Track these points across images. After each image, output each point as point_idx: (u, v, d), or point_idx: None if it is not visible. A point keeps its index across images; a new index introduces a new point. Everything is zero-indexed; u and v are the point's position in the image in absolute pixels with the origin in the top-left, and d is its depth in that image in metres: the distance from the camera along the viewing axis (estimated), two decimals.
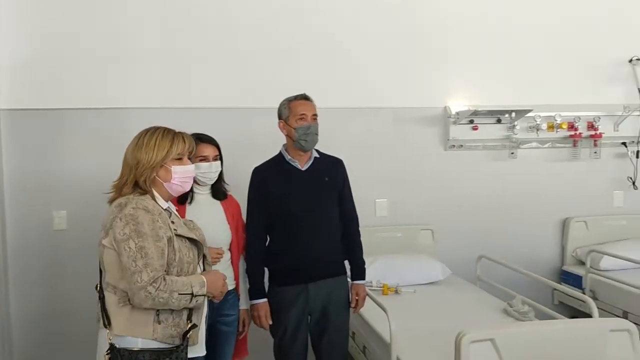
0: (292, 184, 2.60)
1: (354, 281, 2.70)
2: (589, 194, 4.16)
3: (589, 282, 3.76)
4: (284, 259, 2.58)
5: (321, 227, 2.59)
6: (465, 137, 3.95)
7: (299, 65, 3.72)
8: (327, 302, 2.59)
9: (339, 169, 2.73)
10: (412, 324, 2.82)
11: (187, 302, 1.87)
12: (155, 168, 1.94)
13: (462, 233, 3.99)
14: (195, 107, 3.52)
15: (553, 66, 4.04)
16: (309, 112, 2.57)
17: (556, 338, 2.03)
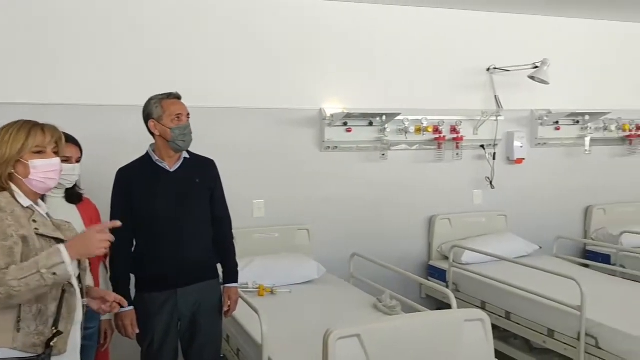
0: (159, 186, 2.50)
1: (226, 285, 2.65)
2: (452, 193, 4.46)
3: (451, 276, 4.02)
4: (151, 264, 2.48)
5: (190, 230, 2.51)
6: (340, 139, 4.05)
7: (170, 63, 3.62)
8: (198, 307, 2.53)
9: (211, 170, 2.67)
10: (285, 324, 2.85)
11: (40, 283, 1.64)
12: (9, 163, 1.78)
13: (337, 232, 4.10)
14: (57, 103, 3.28)
15: (420, 74, 4.28)
16: (184, 112, 2.49)
17: (417, 330, 2.14)
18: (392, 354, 2.06)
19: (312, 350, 2.22)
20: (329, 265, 3.84)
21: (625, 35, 4.89)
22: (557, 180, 4.75)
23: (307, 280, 3.64)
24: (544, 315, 3.24)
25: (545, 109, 4.63)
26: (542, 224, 4.64)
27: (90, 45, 3.46)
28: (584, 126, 4.67)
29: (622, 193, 4.97)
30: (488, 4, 4.25)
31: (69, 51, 3.41)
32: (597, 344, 2.91)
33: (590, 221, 4.82)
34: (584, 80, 4.75)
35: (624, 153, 4.94)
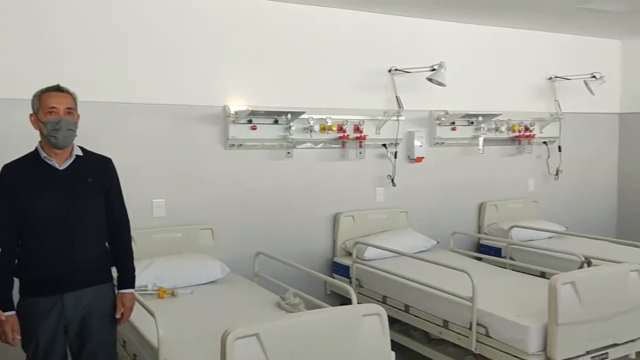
0: (46, 185, 2.35)
1: (120, 290, 2.53)
2: (356, 191, 4.55)
3: (354, 272, 4.11)
4: (36, 267, 2.33)
5: (80, 232, 2.38)
6: (245, 137, 4.01)
7: (60, 54, 3.41)
8: (88, 313, 2.40)
9: (106, 169, 2.53)
10: (185, 326, 2.78)
11: None
12: None
13: (242, 231, 4.06)
14: None
15: (325, 73, 4.34)
16: (61, 105, 2.33)
17: (316, 326, 2.16)
18: (291, 351, 2.07)
19: (212, 352, 2.18)
20: (234, 264, 3.80)
21: (515, 42, 5.22)
22: (454, 178, 5.00)
23: (211, 281, 3.57)
24: (440, 307, 3.39)
25: (442, 110, 4.84)
26: (440, 219, 4.86)
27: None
28: (478, 127, 4.94)
29: (512, 190, 5.31)
30: (390, 6, 4.38)
31: None
32: (487, 332, 3.08)
33: (484, 217, 5.10)
34: (477, 83, 5.02)
35: (513, 152, 5.28)
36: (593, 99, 5.33)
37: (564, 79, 5.37)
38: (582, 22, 4.93)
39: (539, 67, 5.37)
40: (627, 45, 5.86)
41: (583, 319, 2.88)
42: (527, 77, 5.33)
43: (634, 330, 3.12)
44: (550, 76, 5.40)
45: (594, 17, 4.69)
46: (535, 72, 5.36)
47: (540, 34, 5.34)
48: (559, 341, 2.80)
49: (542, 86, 5.41)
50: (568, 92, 5.44)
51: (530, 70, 5.33)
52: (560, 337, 2.80)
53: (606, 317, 2.98)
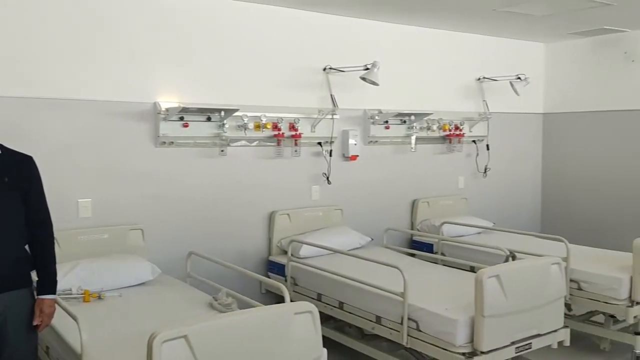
0: None
1: (39, 295, 2.41)
2: (292, 189, 4.54)
3: (290, 270, 4.10)
4: None
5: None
6: (176, 134, 3.92)
7: None
8: (4, 320, 2.29)
9: (25, 168, 2.41)
10: (112, 331, 2.69)
11: None
12: None
13: (174, 231, 3.97)
14: None
15: (259, 70, 4.30)
16: None
17: (247, 326, 2.13)
18: (221, 352, 2.03)
19: (139, 356, 2.10)
20: (165, 265, 3.71)
21: (446, 43, 5.37)
22: (388, 175, 5.08)
23: (140, 283, 3.46)
24: (372, 303, 3.44)
25: (376, 109, 4.91)
26: (374, 216, 4.93)
27: None
28: (410, 126, 5.05)
29: (443, 187, 5.46)
30: (326, 6, 4.39)
31: None
32: (418, 327, 3.15)
33: (416, 213, 5.22)
34: (410, 83, 5.13)
35: (443, 151, 5.43)
36: (519, 100, 5.57)
37: (491, 80, 5.57)
38: (508, 25, 5.13)
39: (468, 68, 5.54)
40: (550, 48, 6.15)
41: (508, 311, 2.99)
42: (457, 77, 5.49)
43: (556, 321, 3.28)
44: (479, 77, 5.59)
45: (519, 20, 4.89)
46: (465, 73, 5.53)
47: (470, 36, 5.51)
48: (485, 333, 2.90)
49: (471, 87, 5.59)
50: (495, 92, 5.65)
51: (460, 71, 5.49)
52: (486, 329, 2.90)
53: (529, 309, 3.11)
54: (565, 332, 3.30)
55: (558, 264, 3.29)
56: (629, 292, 3.73)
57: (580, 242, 4.68)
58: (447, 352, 2.99)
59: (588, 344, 4.18)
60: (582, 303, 3.96)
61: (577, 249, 4.28)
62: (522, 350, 3.10)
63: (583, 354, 4.10)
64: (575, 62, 5.93)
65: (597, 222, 5.75)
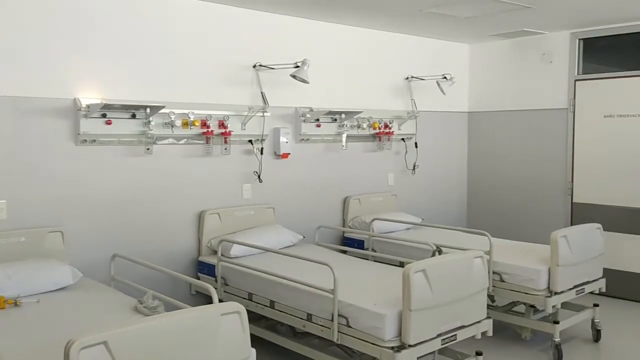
0: None
1: None
2: (222, 187, 4.47)
3: (220, 270, 4.03)
4: None
5: None
6: (99, 132, 3.76)
7: None
8: None
9: None
10: (29, 338, 2.53)
11: None
12: None
13: (97, 232, 3.82)
14: None
15: (187, 67, 4.20)
16: None
17: (172, 329, 2.07)
18: (144, 357, 1.96)
19: None
20: (88, 269, 3.58)
21: (376, 42, 5.45)
22: (319, 173, 5.10)
23: (60, 287, 3.29)
24: (303, 301, 3.44)
25: (307, 107, 4.92)
26: (306, 214, 4.95)
27: None
28: (341, 124, 5.09)
29: (374, 184, 5.55)
30: (255, 2, 4.34)
31: None
32: (348, 322, 3.18)
33: (348, 210, 5.27)
34: (340, 81, 5.17)
35: (374, 148, 5.52)
36: (446, 99, 5.74)
37: (419, 79, 5.71)
38: (434, 25, 5.27)
39: (396, 68, 5.65)
40: (474, 49, 6.38)
41: (434, 304, 3.07)
42: (387, 76, 5.59)
43: (479, 312, 3.39)
44: (407, 76, 5.72)
45: (445, 21, 5.04)
46: (394, 72, 5.64)
47: (398, 36, 5.62)
48: (412, 326, 2.96)
49: (400, 85, 5.71)
50: (423, 91, 5.80)
51: (389, 70, 5.60)
52: (414, 323, 2.96)
53: (454, 301, 3.20)
54: (488, 322, 3.42)
55: (481, 257, 3.41)
56: (547, 283, 3.93)
57: (503, 236, 4.89)
58: (376, 347, 3.03)
59: (510, 334, 4.37)
60: (504, 294, 4.14)
61: (499, 242, 4.47)
62: (447, 342, 3.19)
63: (505, 343, 4.28)
64: (497, 63, 6.19)
65: (518, 217, 6.03)
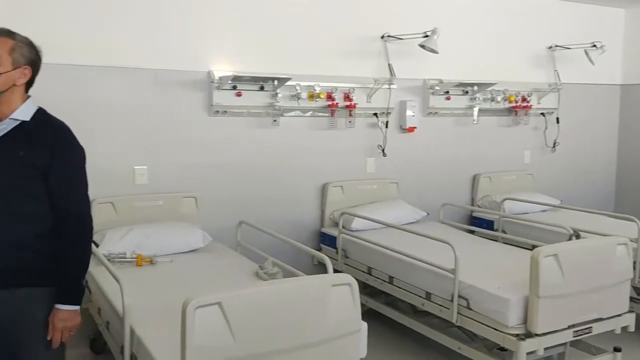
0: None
1: (56, 305, 1.98)
2: (345, 161, 4.46)
3: (341, 242, 4.05)
4: None
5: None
6: (230, 103, 3.91)
7: (38, 13, 3.29)
8: (9, 325, 1.96)
9: (51, 142, 1.95)
10: (159, 295, 2.74)
11: None
12: None
13: (226, 200, 4.00)
14: None
15: (314, 39, 4.20)
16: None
17: (282, 295, 2.10)
18: (255, 320, 2.00)
19: (178, 321, 2.12)
20: (217, 234, 3.75)
21: (513, 9, 5.05)
22: (447, 149, 4.89)
23: (192, 249, 3.52)
24: (422, 279, 3.34)
25: (436, 79, 4.71)
26: (431, 191, 4.78)
27: None
28: (473, 97, 4.81)
29: (507, 162, 5.20)
30: None
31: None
32: (469, 304, 3.03)
33: (477, 189, 5.01)
34: (473, 51, 4.87)
35: (509, 123, 5.15)
36: (594, 70, 5.18)
37: (564, 48, 5.21)
38: None
39: (538, 35, 5.20)
40: (631, 14, 5.66)
41: (566, 292, 2.81)
42: (526, 45, 5.17)
43: (620, 304, 3.05)
44: (550, 45, 5.24)
45: None
46: (534, 40, 5.20)
47: (541, 0, 5.15)
48: (540, 314, 2.73)
49: (541, 55, 5.25)
50: (568, 61, 5.29)
51: (529, 38, 5.17)
52: (542, 310, 2.73)
53: (591, 291, 2.91)
54: (630, 317, 3.07)
55: (625, 245, 3.04)
56: None
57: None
58: (499, 333, 2.86)
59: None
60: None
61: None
62: (581, 334, 2.92)
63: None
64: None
65: None
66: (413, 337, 3.66)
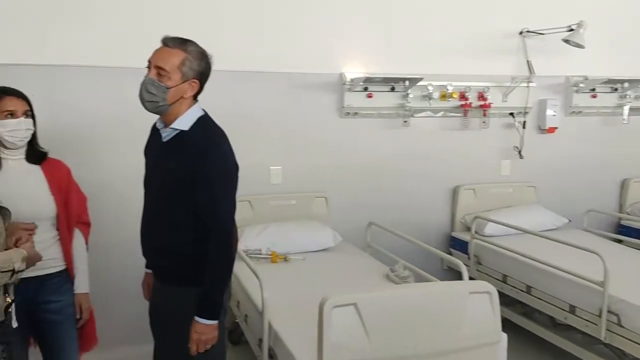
0: (151, 151, 2.16)
1: (195, 317, 2.00)
2: (478, 163, 4.28)
3: (473, 248, 3.90)
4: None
5: (154, 218, 2.11)
6: (360, 105, 3.93)
7: (182, 22, 3.52)
8: (163, 313, 2.15)
9: (199, 155, 1.96)
10: (294, 292, 2.82)
11: (8, 279, 1.76)
12: None
13: (356, 200, 4.01)
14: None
15: (446, 36, 4.08)
16: (153, 61, 2.00)
17: (418, 300, 2.05)
18: (390, 323, 1.99)
19: (313, 318, 2.16)
20: (347, 234, 3.78)
21: None
22: (592, 151, 4.52)
23: (323, 248, 3.58)
24: (566, 291, 3.11)
25: (581, 76, 4.37)
26: (574, 196, 4.44)
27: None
28: (623, 94, 4.40)
29: None
30: None
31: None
32: (619, 321, 2.77)
33: (626, 195, 4.58)
34: (623, 45, 4.44)
35: None
36: None
37: None
38: None
39: None
40: None
41: None
42: None
43: None
44: None
45: None
46: None
47: None
48: None
49: None
50: None
51: None
52: None
53: None
54: None
55: None
56: None
57: None
58: None
59: None
60: None
61: None
62: None
63: None
64: None
65: None
66: (553, 351, 3.42)
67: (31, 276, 2.07)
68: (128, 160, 3.21)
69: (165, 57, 1.96)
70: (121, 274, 3.24)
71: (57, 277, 2.22)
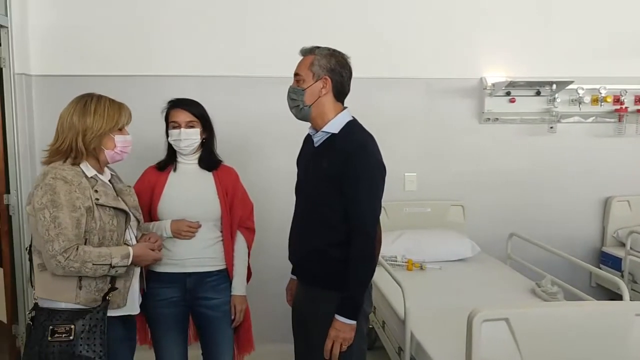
0: (302, 162, 2.24)
1: (335, 314, 2.01)
2: (634, 173, 3.92)
3: (627, 265, 3.57)
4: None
5: (304, 220, 2.16)
6: (502, 110, 3.77)
7: (323, 33, 3.60)
8: (306, 315, 2.17)
9: (346, 157, 1.99)
10: (431, 301, 2.76)
11: (105, 271, 1.90)
12: (103, 136, 1.96)
13: (494, 210, 3.86)
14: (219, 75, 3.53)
15: (597, 35, 3.79)
16: (297, 68, 2.13)
17: (576, 320, 1.91)
18: (544, 343, 1.87)
19: (458, 330, 2.10)
20: (484, 244, 3.64)
21: None
22: None
23: (460, 259, 3.48)
24: None
25: None
26: None
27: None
28: None
29: None
30: None
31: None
32: None
33: None
34: None
35: None
36: None
37: None
38: None
39: None
40: None
41: None
42: None
43: None
44: None
45: None
46: None
47: None
48: None
49: None
50: None
51: None
52: None
53: None
54: None
55: None
56: None
57: None
58: None
59: None
60: None
61: None
62: None
63: None
64: None
65: None
66: None
67: (193, 272, 2.31)
68: (280, 167, 3.44)
69: (299, 65, 2.11)
70: (268, 276, 3.29)
71: (216, 275, 2.36)
